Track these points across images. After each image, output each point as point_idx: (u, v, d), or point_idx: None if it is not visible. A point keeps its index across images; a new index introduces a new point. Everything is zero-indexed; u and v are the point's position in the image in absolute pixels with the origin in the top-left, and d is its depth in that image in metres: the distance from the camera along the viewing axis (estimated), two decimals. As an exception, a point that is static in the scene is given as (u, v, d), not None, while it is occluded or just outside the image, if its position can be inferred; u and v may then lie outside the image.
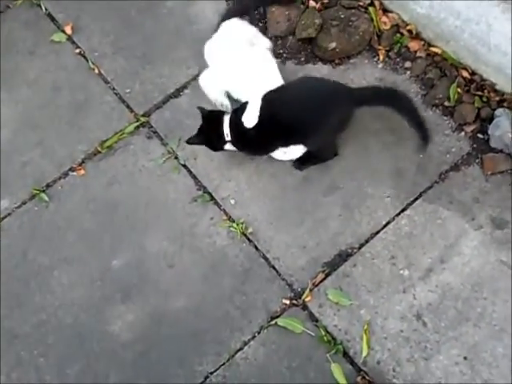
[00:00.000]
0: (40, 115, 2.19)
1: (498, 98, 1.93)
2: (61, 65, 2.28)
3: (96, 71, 2.25)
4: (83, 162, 2.09)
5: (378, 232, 1.84)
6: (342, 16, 2.11)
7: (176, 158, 2.05)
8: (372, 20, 2.11)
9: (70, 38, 2.33)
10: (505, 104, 1.91)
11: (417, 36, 2.09)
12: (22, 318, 1.85)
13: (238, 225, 1.90)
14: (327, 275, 1.79)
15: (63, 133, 2.15)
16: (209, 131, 1.87)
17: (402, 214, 1.86)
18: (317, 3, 2.16)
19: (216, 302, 1.81)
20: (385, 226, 1.85)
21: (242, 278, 1.84)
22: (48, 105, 2.21)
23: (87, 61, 2.27)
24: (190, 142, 1.89)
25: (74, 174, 2.07)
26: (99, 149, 2.10)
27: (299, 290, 1.79)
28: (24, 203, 2.03)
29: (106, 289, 1.87)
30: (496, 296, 1.70)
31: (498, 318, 1.67)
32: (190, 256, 1.89)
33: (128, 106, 2.17)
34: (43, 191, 2.04)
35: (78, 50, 2.30)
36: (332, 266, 1.81)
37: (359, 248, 1.82)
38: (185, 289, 1.84)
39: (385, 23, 2.12)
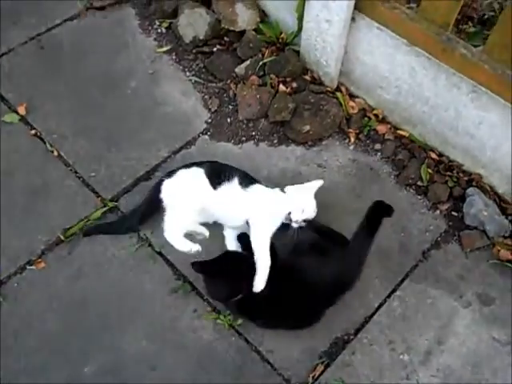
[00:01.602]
0: (-10, 203, 1.96)
1: (466, 178, 2.03)
2: (14, 147, 2.09)
3: (55, 153, 2.08)
4: (43, 253, 1.87)
5: (371, 315, 1.79)
6: (312, 100, 2.17)
7: (150, 245, 1.91)
8: (341, 104, 2.18)
9: (23, 119, 2.16)
10: (473, 183, 2.02)
11: (383, 120, 2.19)
12: None
13: (224, 316, 1.76)
14: (326, 366, 1.69)
15: (19, 221, 1.93)
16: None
17: (392, 296, 1.83)
18: (287, 88, 2.21)
19: (208, 407, 1.62)
20: (377, 308, 1.81)
21: (234, 376, 1.68)
22: (0, 190, 1.99)
23: (44, 143, 2.10)
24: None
25: (33, 267, 1.84)
26: (62, 238, 1.89)
27: (298, 385, 1.67)
28: (-28, 305, 1.75)
29: (78, 402, 1.61)
30: (495, 376, 1.69)
31: (501, 400, 1.65)
32: (174, 355, 1.70)
33: (93, 191, 2.01)
34: (-5, 290, 1.78)
35: (33, 132, 2.13)
36: (330, 356, 1.71)
37: (355, 334, 1.75)
38: (171, 394, 1.64)
39: (352, 107, 2.20)
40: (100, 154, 2.10)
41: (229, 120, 2.21)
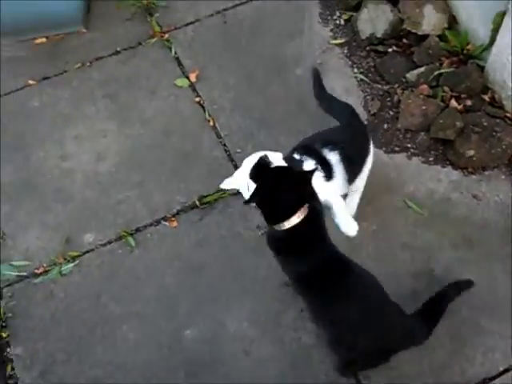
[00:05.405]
0: (146, 155, 2.12)
1: None
2: (178, 110, 2.23)
3: (211, 123, 2.18)
4: (178, 213, 1.98)
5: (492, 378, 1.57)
6: (485, 124, 1.94)
7: (275, 232, 1.90)
8: (519, 135, 1.92)
9: (192, 86, 2.29)
10: None
11: None
12: (76, 368, 1.70)
13: (329, 325, 1.69)
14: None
15: (165, 179, 2.06)
16: None
17: (524, 363, 1.59)
18: (459, 105, 2.01)
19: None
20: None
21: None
22: (156, 147, 2.14)
23: (204, 111, 2.21)
24: None
25: (166, 223, 1.96)
26: (197, 203, 1.98)
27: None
28: (109, 242, 1.92)
29: (173, 359, 1.69)
30: None
31: None
32: (269, 347, 1.69)
33: (236, 166, 2.07)
34: (131, 235, 1.93)
35: (197, 99, 2.25)
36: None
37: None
38: (258, 382, 1.63)
39: (533, 141, 1.92)
40: (250, 132, 2.14)
41: (386, 126, 2.09)
